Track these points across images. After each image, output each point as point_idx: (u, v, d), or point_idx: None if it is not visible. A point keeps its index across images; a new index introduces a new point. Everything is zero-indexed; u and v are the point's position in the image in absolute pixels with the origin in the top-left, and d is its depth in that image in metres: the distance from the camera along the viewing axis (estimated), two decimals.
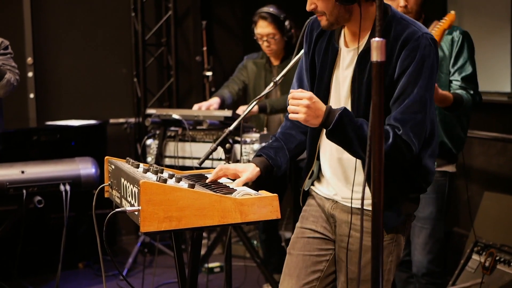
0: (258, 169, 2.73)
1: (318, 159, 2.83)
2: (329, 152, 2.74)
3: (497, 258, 4.17)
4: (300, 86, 2.86)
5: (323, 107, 2.45)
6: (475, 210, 5.05)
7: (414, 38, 2.47)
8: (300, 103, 2.42)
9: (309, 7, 2.58)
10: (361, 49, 2.60)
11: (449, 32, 3.60)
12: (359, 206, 2.58)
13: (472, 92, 3.58)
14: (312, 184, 2.90)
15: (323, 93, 2.70)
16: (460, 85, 3.57)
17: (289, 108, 2.46)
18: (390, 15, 2.56)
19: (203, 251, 4.79)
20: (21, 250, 4.72)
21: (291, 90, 2.52)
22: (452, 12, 3.33)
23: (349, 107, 2.60)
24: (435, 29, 3.34)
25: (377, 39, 1.73)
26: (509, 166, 5.14)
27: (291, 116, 2.46)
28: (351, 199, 2.63)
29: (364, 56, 2.57)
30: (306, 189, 2.93)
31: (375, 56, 1.73)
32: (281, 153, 2.82)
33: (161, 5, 7.26)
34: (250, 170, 2.70)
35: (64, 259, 4.37)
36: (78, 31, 7.07)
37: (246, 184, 2.66)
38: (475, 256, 4.36)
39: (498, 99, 5.37)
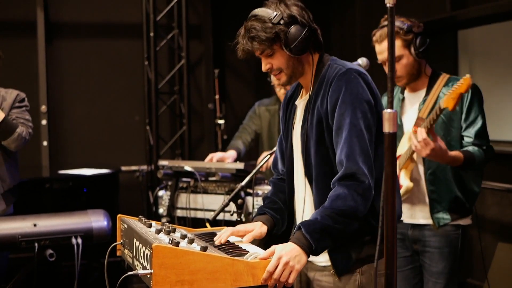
0: (265, 227, 2.79)
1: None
2: (301, 213, 2.78)
3: None
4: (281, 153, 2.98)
5: (295, 247, 2.42)
6: (489, 261, 5.00)
7: (339, 75, 2.60)
8: (280, 266, 2.36)
9: (265, 67, 2.74)
10: (307, 99, 2.72)
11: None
12: (325, 264, 2.66)
13: (485, 147, 3.55)
14: None
15: (289, 151, 2.84)
16: (473, 142, 3.55)
17: (276, 273, 2.37)
18: (328, 63, 2.71)
19: None
20: None
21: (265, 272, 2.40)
22: (468, 75, 3.32)
23: (301, 155, 2.73)
24: (450, 92, 3.32)
25: (388, 110, 1.72)
26: None
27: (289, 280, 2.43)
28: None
29: (308, 105, 2.71)
30: None
31: (387, 127, 1.72)
32: (280, 213, 2.88)
33: (174, 54, 7.33)
34: (257, 228, 2.76)
35: None
36: (92, 79, 7.15)
37: (253, 241, 2.68)
38: None
39: (510, 149, 5.34)
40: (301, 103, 2.79)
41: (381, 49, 3.62)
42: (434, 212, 3.58)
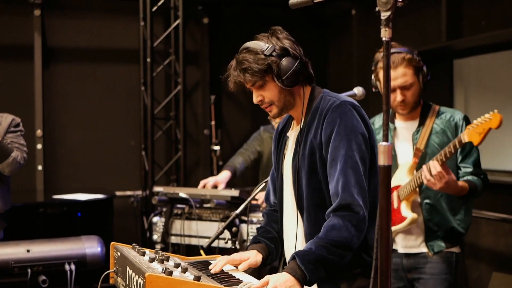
0: (261, 255, 2.80)
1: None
2: (293, 244, 2.76)
3: None
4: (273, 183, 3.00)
5: (289, 278, 2.41)
6: None
7: (334, 107, 2.62)
8: None
9: (256, 99, 2.75)
10: (298, 130, 2.75)
11: (451, 117, 3.59)
12: None
13: (482, 176, 3.57)
14: None
15: (280, 182, 2.85)
16: (471, 172, 3.56)
17: None
18: (320, 95, 2.73)
19: None
20: None
21: None
22: (496, 111, 3.30)
23: (291, 186, 2.74)
24: (475, 126, 3.28)
25: (384, 143, 1.73)
26: None
27: None
28: None
29: (299, 136, 2.72)
30: None
31: (382, 160, 1.73)
32: (275, 242, 2.88)
33: (170, 80, 7.36)
34: (253, 257, 2.76)
35: None
36: (88, 104, 7.16)
37: (248, 270, 2.68)
38: None
39: (504, 179, 5.35)
40: (292, 135, 2.81)
41: (396, 75, 3.53)
42: (429, 240, 3.58)
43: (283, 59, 2.63)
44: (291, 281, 2.40)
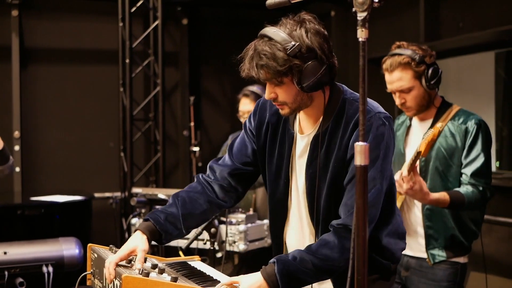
0: (145, 237, 2.56)
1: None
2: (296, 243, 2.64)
3: None
4: (237, 156, 2.74)
5: (262, 283, 2.31)
6: None
7: (367, 119, 2.32)
8: None
9: (268, 95, 2.45)
10: (313, 134, 2.51)
11: (463, 121, 3.48)
12: None
13: (481, 188, 3.42)
14: None
15: (284, 182, 2.61)
16: (468, 181, 3.43)
17: None
18: (342, 97, 2.48)
19: None
20: None
21: None
22: (438, 125, 3.30)
23: (304, 194, 2.53)
24: (429, 134, 3.23)
25: (360, 143, 1.73)
26: (495, 247, 5.06)
27: None
28: None
29: (317, 140, 2.48)
30: None
31: (359, 160, 1.73)
32: (172, 220, 2.64)
33: (149, 81, 7.33)
34: (142, 243, 2.53)
35: None
36: (66, 105, 7.13)
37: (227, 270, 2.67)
38: None
39: None
40: (306, 136, 2.54)
41: (392, 79, 3.48)
42: (429, 248, 3.49)
43: (308, 64, 2.32)
44: (264, 286, 2.30)
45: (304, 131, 2.57)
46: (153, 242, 2.63)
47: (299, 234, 2.63)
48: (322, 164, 2.46)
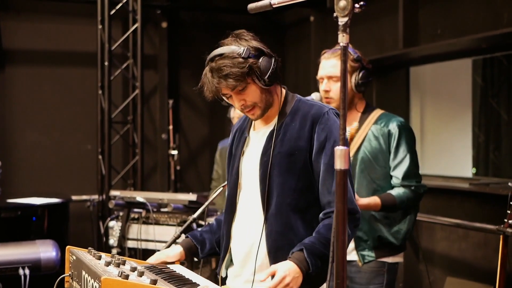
0: (181, 249, 2.92)
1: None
2: (239, 241, 2.80)
3: None
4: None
5: (296, 268, 2.48)
6: None
7: (323, 113, 2.68)
8: (285, 283, 2.44)
9: (239, 104, 2.70)
10: (270, 129, 2.76)
11: (385, 124, 3.58)
12: None
13: (413, 187, 3.56)
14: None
15: (234, 178, 2.84)
16: (400, 183, 3.55)
17: None
18: (297, 98, 2.80)
19: None
20: None
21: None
22: (355, 124, 3.44)
23: (258, 179, 2.73)
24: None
25: (340, 147, 1.74)
26: (471, 252, 5.17)
27: None
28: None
29: (271, 134, 2.74)
30: (223, 276, 2.94)
31: (339, 164, 1.74)
32: (207, 235, 2.99)
33: (128, 83, 7.31)
34: (171, 250, 2.94)
35: None
36: (44, 107, 7.09)
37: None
38: None
39: (459, 185, 5.43)
40: (258, 133, 2.81)
41: (326, 65, 3.59)
42: (360, 250, 3.57)
43: (261, 59, 2.64)
44: (297, 272, 2.46)
45: (257, 128, 2.85)
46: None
47: (245, 224, 2.79)
48: (276, 154, 2.70)
